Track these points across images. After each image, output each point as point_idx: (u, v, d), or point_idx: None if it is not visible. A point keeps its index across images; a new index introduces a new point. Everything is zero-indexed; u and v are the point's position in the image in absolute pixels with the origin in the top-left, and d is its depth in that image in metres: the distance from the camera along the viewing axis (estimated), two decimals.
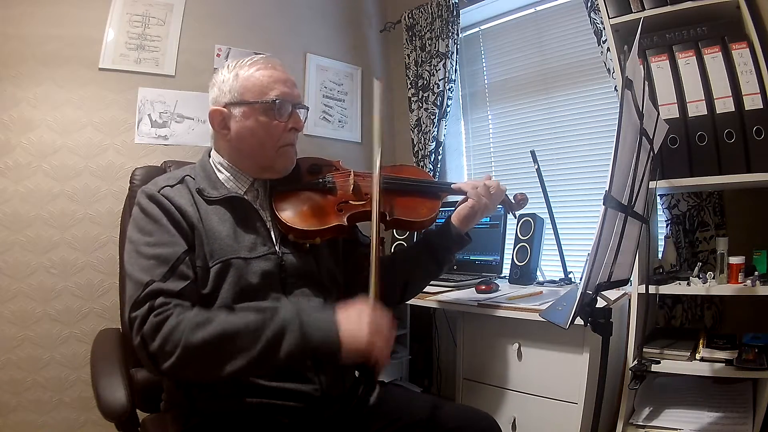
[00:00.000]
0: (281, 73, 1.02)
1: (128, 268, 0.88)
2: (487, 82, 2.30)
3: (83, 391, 1.64)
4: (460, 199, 1.19)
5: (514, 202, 1.30)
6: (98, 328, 1.44)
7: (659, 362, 1.28)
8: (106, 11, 1.75)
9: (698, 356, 1.27)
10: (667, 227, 1.58)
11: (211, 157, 1.05)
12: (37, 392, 1.61)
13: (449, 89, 2.16)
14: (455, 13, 2.13)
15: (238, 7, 2.04)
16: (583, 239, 1.91)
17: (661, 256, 1.51)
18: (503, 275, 1.83)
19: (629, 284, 1.22)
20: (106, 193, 1.72)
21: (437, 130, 2.20)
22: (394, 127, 2.52)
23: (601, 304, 0.94)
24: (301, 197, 1.05)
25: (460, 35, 2.18)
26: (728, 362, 1.21)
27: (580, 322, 0.89)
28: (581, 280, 0.90)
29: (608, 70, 1.60)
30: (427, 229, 1.19)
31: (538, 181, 1.75)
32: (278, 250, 0.99)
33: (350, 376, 1.05)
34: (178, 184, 0.98)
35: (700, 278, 1.28)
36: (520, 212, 1.42)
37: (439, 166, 2.24)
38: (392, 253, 2.02)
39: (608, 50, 1.54)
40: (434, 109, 2.19)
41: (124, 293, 0.99)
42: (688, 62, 1.29)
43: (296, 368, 0.91)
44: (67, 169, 1.67)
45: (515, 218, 1.62)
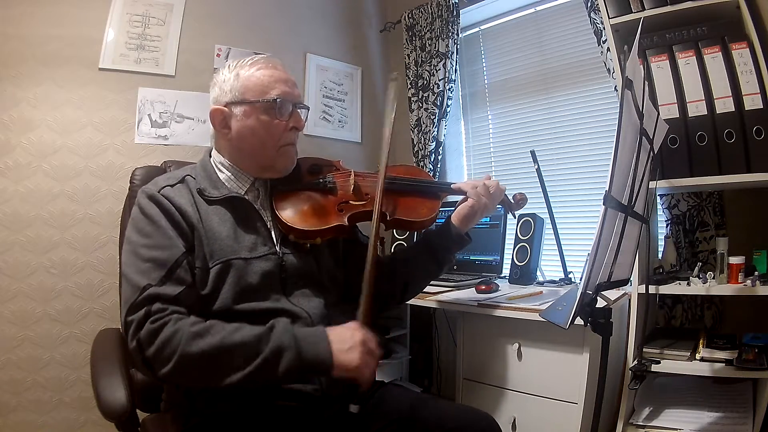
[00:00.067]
0: (282, 72, 1.02)
1: (125, 269, 0.89)
2: (487, 82, 2.30)
3: (83, 391, 1.64)
4: (459, 199, 1.19)
5: (513, 202, 1.30)
6: (98, 328, 1.43)
7: (659, 362, 1.27)
8: (106, 11, 1.75)
9: (698, 356, 1.27)
10: (667, 227, 1.58)
11: (211, 156, 1.05)
12: (37, 392, 1.61)
13: (449, 89, 2.16)
14: (455, 13, 2.13)
15: (238, 7, 2.04)
16: (583, 239, 1.91)
17: (661, 256, 1.51)
18: (503, 275, 1.83)
19: (629, 284, 1.22)
20: (106, 193, 1.72)
21: (437, 130, 2.19)
22: (394, 127, 2.51)
23: (601, 304, 0.94)
24: (301, 197, 1.05)
25: (460, 35, 2.18)
26: (728, 362, 1.21)
27: (580, 322, 0.89)
28: (581, 280, 0.89)
29: (608, 70, 1.60)
30: (427, 229, 1.19)
31: (538, 181, 1.75)
32: (279, 250, 0.99)
33: None
34: (178, 183, 0.98)
35: (700, 278, 1.27)
36: (519, 212, 1.43)
37: (439, 166, 2.24)
38: (392, 253, 2.02)
39: (608, 50, 1.53)
40: (434, 109, 2.19)
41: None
42: (688, 62, 1.29)
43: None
44: (67, 169, 1.67)
45: (515, 218, 1.63)
